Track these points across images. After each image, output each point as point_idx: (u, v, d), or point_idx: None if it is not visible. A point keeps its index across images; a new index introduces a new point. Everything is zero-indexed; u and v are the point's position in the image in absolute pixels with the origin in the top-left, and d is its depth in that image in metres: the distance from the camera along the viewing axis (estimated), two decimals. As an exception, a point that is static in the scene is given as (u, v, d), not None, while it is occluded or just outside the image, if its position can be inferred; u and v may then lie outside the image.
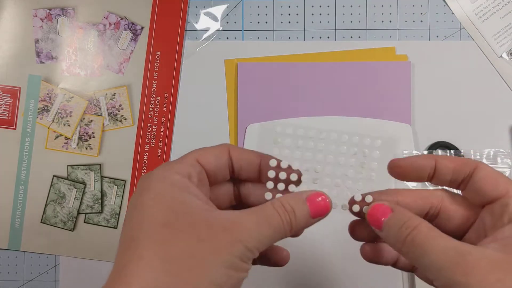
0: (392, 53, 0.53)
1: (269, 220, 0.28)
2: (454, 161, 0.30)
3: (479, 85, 0.52)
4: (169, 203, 0.27)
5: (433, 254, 0.26)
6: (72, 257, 0.53)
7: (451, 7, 0.53)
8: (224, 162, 0.31)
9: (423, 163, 0.30)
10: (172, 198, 0.27)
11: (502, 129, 0.52)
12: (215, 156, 0.31)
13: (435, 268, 0.26)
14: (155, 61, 0.53)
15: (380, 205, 0.29)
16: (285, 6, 0.53)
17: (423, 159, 0.30)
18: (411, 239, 0.27)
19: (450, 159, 0.30)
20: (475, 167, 0.29)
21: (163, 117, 0.53)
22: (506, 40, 0.52)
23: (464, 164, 0.30)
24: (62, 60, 0.53)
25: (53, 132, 0.53)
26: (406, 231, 0.27)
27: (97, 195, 0.52)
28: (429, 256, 0.26)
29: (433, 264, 0.26)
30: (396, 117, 0.52)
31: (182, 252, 0.26)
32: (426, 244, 0.26)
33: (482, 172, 0.29)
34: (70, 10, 0.53)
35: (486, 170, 0.29)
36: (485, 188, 0.29)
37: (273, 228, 0.27)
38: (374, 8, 0.53)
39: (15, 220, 0.52)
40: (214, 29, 0.53)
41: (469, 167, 0.29)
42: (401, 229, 0.27)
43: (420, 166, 0.30)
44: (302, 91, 0.52)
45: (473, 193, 0.29)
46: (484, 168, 0.29)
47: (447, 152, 0.51)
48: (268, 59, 0.53)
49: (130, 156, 0.52)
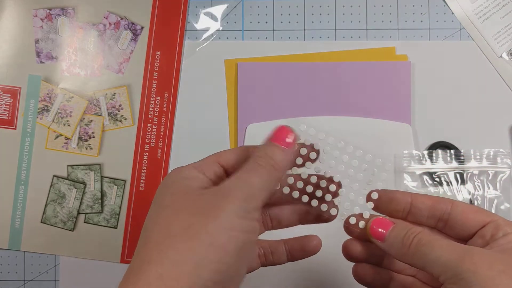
0: (392, 53, 0.53)
1: (252, 169, 0.29)
2: (430, 198, 0.32)
3: (479, 85, 0.52)
4: (175, 190, 0.29)
5: (440, 250, 0.28)
6: (72, 257, 0.53)
7: (451, 7, 0.53)
8: (243, 160, 0.32)
9: (399, 196, 0.32)
10: (178, 186, 0.29)
11: (502, 129, 0.52)
12: (234, 155, 0.32)
13: (442, 262, 0.27)
14: (155, 61, 0.53)
15: (382, 218, 0.32)
16: (285, 6, 0.53)
17: (399, 193, 0.33)
18: (417, 241, 0.29)
19: (426, 196, 0.32)
20: (451, 204, 0.31)
21: (163, 117, 0.53)
22: (506, 40, 0.52)
23: (441, 201, 0.32)
24: (62, 60, 0.53)
25: (53, 132, 0.53)
26: (411, 236, 0.29)
27: (97, 195, 0.52)
28: (436, 251, 0.28)
29: (440, 258, 0.27)
30: (396, 117, 0.52)
31: (182, 226, 0.27)
32: (432, 242, 0.28)
33: (459, 207, 0.31)
34: (70, 10, 0.53)
35: (463, 205, 0.31)
36: (469, 219, 0.31)
37: (258, 174, 0.29)
38: (374, 8, 0.53)
39: (15, 220, 0.52)
40: (214, 29, 0.53)
41: (446, 204, 0.32)
42: (406, 235, 0.30)
43: (395, 198, 0.32)
44: (302, 91, 0.52)
45: (457, 227, 0.31)
46: (460, 203, 0.32)
47: (447, 152, 0.51)
48: (268, 59, 0.53)
49: (130, 156, 0.52)
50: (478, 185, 0.51)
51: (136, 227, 0.52)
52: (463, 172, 0.51)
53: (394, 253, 0.31)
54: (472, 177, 0.51)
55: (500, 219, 0.30)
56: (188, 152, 0.53)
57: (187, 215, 0.27)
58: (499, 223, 0.30)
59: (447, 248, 0.28)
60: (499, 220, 0.30)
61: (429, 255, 0.28)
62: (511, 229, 0.29)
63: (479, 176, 0.51)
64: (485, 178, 0.51)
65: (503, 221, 0.30)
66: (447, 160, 0.51)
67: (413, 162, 0.51)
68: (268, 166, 0.29)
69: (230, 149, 0.33)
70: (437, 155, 0.51)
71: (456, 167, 0.51)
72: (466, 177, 0.51)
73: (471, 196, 0.51)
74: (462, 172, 0.51)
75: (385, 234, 0.31)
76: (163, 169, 0.53)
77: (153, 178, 0.52)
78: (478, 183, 0.51)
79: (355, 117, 0.52)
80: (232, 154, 0.32)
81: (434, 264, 0.28)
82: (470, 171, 0.51)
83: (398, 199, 0.32)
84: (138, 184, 0.52)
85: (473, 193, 0.51)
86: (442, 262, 0.27)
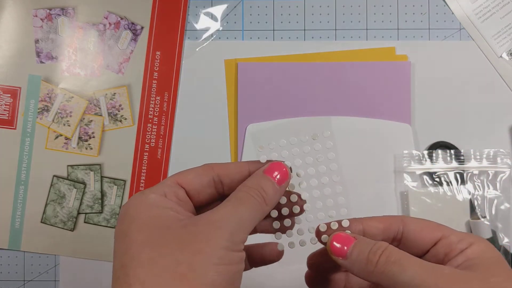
0: (392, 53, 0.53)
1: (243, 201, 0.28)
2: (381, 220, 0.31)
3: (479, 85, 0.52)
4: (147, 222, 0.27)
5: (412, 270, 0.26)
6: (72, 257, 0.53)
7: (451, 7, 0.53)
8: (207, 180, 0.31)
9: (351, 228, 0.31)
10: (149, 217, 0.28)
11: (502, 129, 0.52)
12: (195, 175, 0.31)
13: (416, 283, 0.26)
14: (155, 61, 0.53)
15: (342, 234, 0.30)
16: (285, 6, 0.53)
17: (351, 222, 0.31)
18: (384, 259, 0.27)
19: (377, 219, 0.31)
20: (403, 222, 0.30)
21: (163, 117, 0.53)
22: (506, 40, 0.52)
23: (392, 221, 0.31)
24: (62, 60, 0.53)
25: (53, 132, 0.53)
26: (378, 252, 0.28)
27: (97, 195, 0.52)
28: (408, 271, 0.26)
29: (414, 279, 0.26)
30: (396, 117, 0.52)
31: (168, 265, 0.25)
32: (403, 261, 0.27)
33: (412, 225, 0.30)
34: (70, 10, 0.53)
35: (414, 223, 0.30)
36: (421, 237, 0.30)
37: (248, 207, 0.28)
38: (374, 8, 0.53)
39: (15, 220, 0.52)
40: (214, 29, 0.53)
41: (397, 223, 0.30)
42: (371, 252, 0.28)
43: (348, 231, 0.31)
44: (302, 91, 0.52)
45: (411, 245, 0.30)
46: (411, 221, 0.30)
47: (447, 152, 0.51)
48: (268, 59, 0.53)
49: (130, 156, 0.52)
50: (478, 185, 0.51)
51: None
52: (463, 172, 0.51)
53: (357, 271, 0.29)
54: (472, 177, 0.51)
55: (453, 235, 0.29)
56: (188, 152, 0.53)
57: (172, 251, 0.26)
58: (451, 240, 0.29)
59: (419, 269, 0.26)
60: (451, 236, 0.29)
61: (400, 276, 0.26)
62: (465, 244, 0.28)
63: (479, 176, 0.51)
64: (485, 178, 0.51)
65: (456, 236, 0.29)
66: (447, 160, 0.51)
67: (413, 162, 0.51)
68: (259, 199, 0.29)
69: (191, 169, 0.31)
70: (437, 155, 0.51)
71: (456, 167, 0.51)
72: (466, 177, 0.51)
73: (471, 196, 0.51)
74: (462, 172, 0.51)
75: (347, 251, 0.29)
76: (163, 169, 0.53)
77: (153, 178, 0.52)
78: (478, 183, 0.51)
79: (355, 117, 0.52)
80: (194, 174, 0.31)
81: (406, 286, 0.26)
82: (470, 171, 0.51)
83: (353, 231, 0.31)
84: (138, 184, 0.52)
85: (473, 193, 0.51)
86: (415, 285, 0.26)
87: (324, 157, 0.32)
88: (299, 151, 0.32)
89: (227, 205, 0.28)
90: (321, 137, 0.32)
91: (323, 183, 0.32)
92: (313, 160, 0.32)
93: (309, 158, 0.32)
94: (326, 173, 0.30)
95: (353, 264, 0.29)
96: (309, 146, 0.30)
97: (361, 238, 0.30)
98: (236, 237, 0.27)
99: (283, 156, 0.31)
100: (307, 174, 0.32)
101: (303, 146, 0.32)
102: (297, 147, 0.30)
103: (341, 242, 0.29)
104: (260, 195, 0.29)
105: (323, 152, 0.32)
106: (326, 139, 0.32)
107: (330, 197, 0.32)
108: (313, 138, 0.32)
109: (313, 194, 0.32)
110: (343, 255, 0.29)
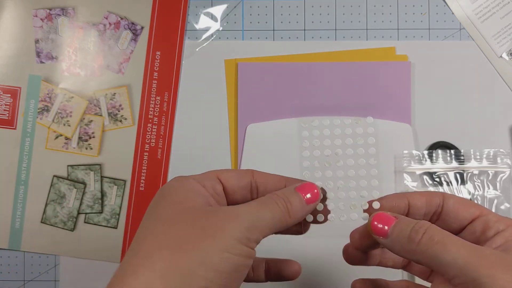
0: (392, 53, 0.53)
1: (267, 204, 0.29)
2: (423, 194, 0.31)
3: (479, 85, 0.52)
4: (176, 201, 0.29)
5: (455, 250, 0.26)
6: (72, 257, 0.53)
7: (451, 7, 0.53)
8: (245, 183, 0.32)
9: (397, 201, 0.32)
10: (180, 198, 0.29)
11: (502, 129, 0.52)
12: (236, 175, 0.32)
13: (459, 265, 0.26)
14: (155, 61, 0.53)
15: (382, 213, 0.30)
16: (285, 6, 0.53)
17: (396, 198, 0.32)
18: (427, 237, 0.27)
19: (419, 193, 0.32)
20: (443, 197, 0.31)
21: (163, 117, 0.53)
22: (506, 40, 0.52)
23: (433, 195, 0.31)
24: (62, 60, 0.53)
25: (53, 132, 0.53)
26: (420, 231, 0.28)
27: (97, 195, 0.52)
28: (451, 252, 0.26)
29: (457, 259, 0.26)
30: (396, 117, 0.52)
31: (177, 239, 0.27)
32: (446, 240, 0.27)
33: (451, 200, 0.31)
34: (70, 10, 0.53)
35: (454, 198, 0.31)
36: (460, 212, 0.30)
37: (271, 210, 0.29)
38: (374, 8, 0.53)
39: (15, 220, 0.52)
40: (214, 29, 0.53)
41: (438, 197, 0.31)
42: (413, 230, 0.28)
43: (396, 206, 0.32)
44: (302, 91, 0.52)
45: (450, 221, 0.31)
46: (451, 196, 0.31)
47: (447, 152, 0.51)
48: (268, 59, 0.53)
49: (130, 156, 0.52)
50: (478, 185, 0.51)
51: (136, 227, 0.52)
52: (463, 172, 0.51)
53: (398, 250, 0.29)
54: (472, 177, 0.51)
55: (491, 214, 0.29)
56: (188, 152, 0.53)
57: (185, 228, 0.27)
58: (489, 219, 0.29)
59: (463, 249, 0.26)
60: (489, 215, 0.29)
61: (443, 256, 0.26)
62: (503, 225, 0.29)
63: (479, 176, 0.51)
64: (485, 178, 0.51)
65: (494, 216, 0.29)
66: (447, 160, 0.51)
67: (413, 162, 0.51)
68: (283, 208, 0.29)
69: (233, 169, 0.34)
70: (437, 155, 0.51)
71: (456, 167, 0.51)
72: (466, 177, 0.51)
73: (471, 196, 0.51)
74: (462, 172, 0.51)
75: (388, 230, 0.29)
76: (163, 169, 0.53)
77: (153, 178, 0.52)
78: (478, 183, 0.51)
79: (355, 117, 0.52)
80: (235, 174, 0.32)
81: (449, 266, 0.26)
82: (470, 171, 0.51)
83: (398, 205, 0.31)
84: (138, 184, 0.52)
85: (473, 193, 0.51)
86: (459, 266, 0.26)
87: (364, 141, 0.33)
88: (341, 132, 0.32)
89: (251, 204, 0.29)
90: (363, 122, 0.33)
91: (359, 164, 0.32)
92: (352, 142, 0.33)
93: (349, 139, 0.33)
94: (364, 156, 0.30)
95: (394, 243, 0.29)
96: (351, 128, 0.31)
97: (401, 217, 0.30)
98: (250, 233, 0.28)
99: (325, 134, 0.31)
100: (344, 154, 0.33)
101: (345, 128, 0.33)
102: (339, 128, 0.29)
103: (382, 222, 0.30)
104: (285, 205, 0.30)
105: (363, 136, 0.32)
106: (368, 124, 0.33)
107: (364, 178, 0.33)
108: (356, 122, 0.32)
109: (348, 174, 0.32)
110: (384, 234, 0.30)
